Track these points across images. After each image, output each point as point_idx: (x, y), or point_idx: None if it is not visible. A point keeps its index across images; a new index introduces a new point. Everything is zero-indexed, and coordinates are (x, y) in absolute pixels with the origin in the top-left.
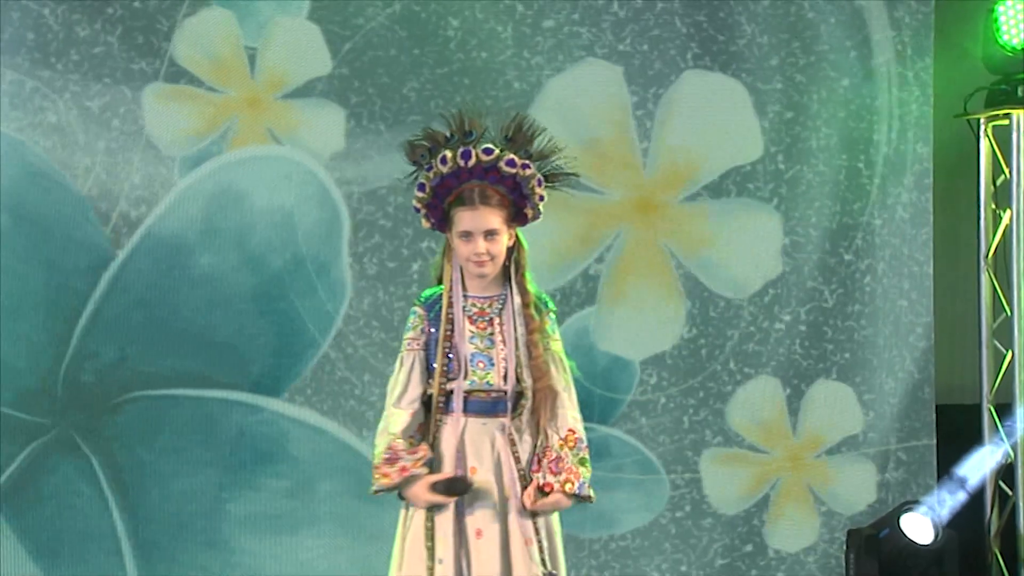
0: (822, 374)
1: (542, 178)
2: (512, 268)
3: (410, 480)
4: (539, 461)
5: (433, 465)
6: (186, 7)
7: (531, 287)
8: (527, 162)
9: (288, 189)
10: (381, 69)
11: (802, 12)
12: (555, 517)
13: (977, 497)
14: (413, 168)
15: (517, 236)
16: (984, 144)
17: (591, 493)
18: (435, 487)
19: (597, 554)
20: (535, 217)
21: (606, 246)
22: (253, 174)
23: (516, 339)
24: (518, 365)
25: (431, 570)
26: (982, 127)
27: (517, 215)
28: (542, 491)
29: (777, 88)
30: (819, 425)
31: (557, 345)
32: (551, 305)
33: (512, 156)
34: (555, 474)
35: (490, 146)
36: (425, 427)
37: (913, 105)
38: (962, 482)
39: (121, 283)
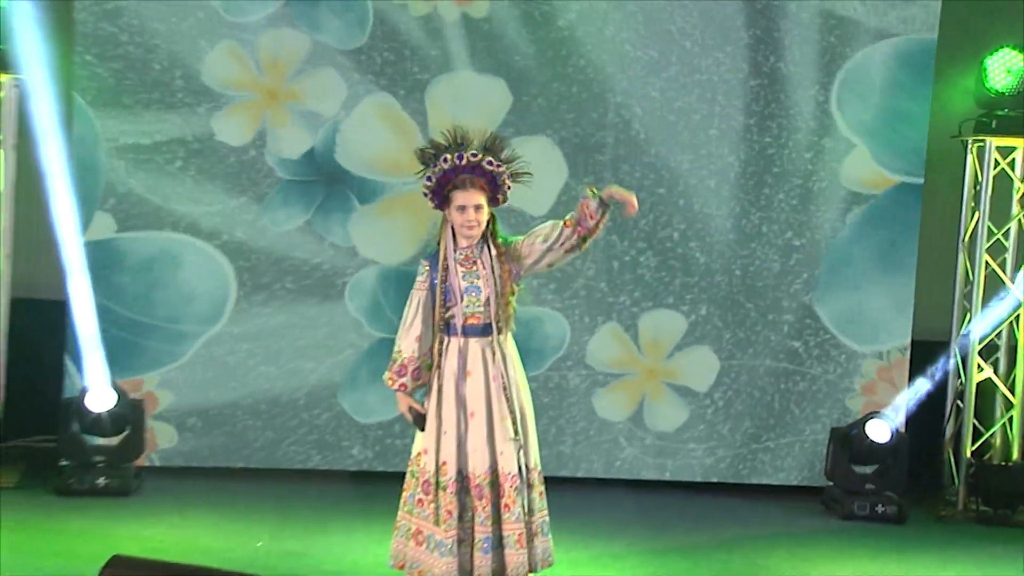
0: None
1: (509, 175)
2: (489, 232)
3: (403, 394)
4: (569, 223)
5: (440, 376)
6: None
7: (501, 239)
8: (500, 163)
9: None
10: None
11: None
12: (527, 399)
13: (938, 408)
14: (422, 167)
15: (491, 213)
16: (969, 159)
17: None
18: (411, 410)
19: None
20: (504, 201)
21: None
22: None
23: (494, 277)
24: (497, 294)
25: (439, 439)
26: (969, 146)
27: (492, 199)
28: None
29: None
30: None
31: (517, 241)
32: (509, 240)
33: (491, 159)
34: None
35: (476, 151)
36: (432, 348)
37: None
38: (918, 396)
39: None
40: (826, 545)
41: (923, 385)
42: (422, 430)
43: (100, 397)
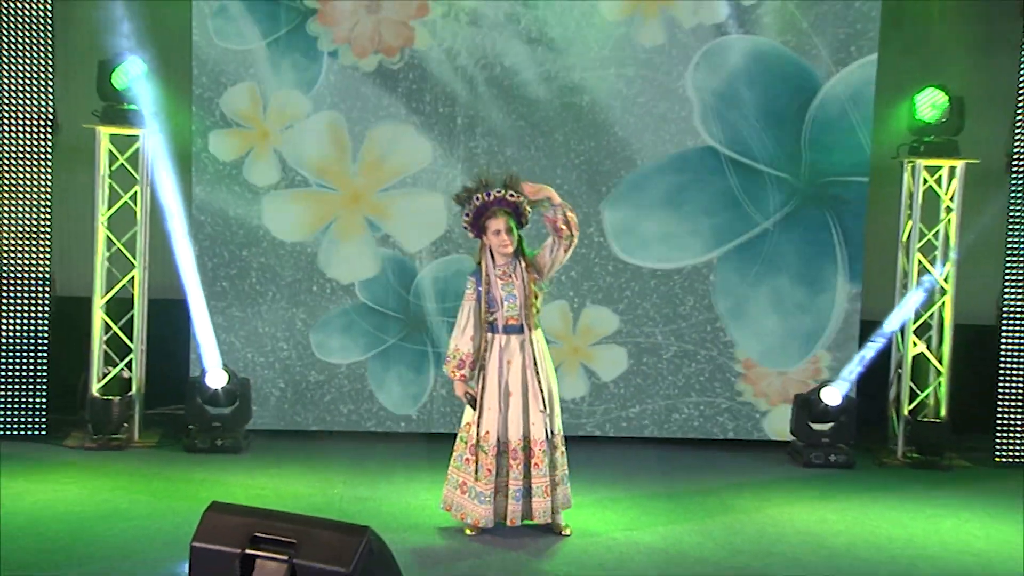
0: None
1: (528, 203)
2: (521, 249)
3: (460, 382)
4: (554, 230)
5: (486, 365)
6: None
7: (527, 256)
8: (519, 194)
9: None
10: None
11: None
12: (553, 380)
13: (883, 376)
14: (459, 206)
15: (519, 233)
16: (905, 176)
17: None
18: (466, 394)
19: None
20: (526, 223)
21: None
22: None
23: (524, 284)
24: (527, 299)
25: (483, 414)
26: (904, 166)
27: (519, 221)
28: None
29: None
30: None
31: (536, 253)
32: (533, 252)
33: (512, 191)
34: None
35: (500, 189)
36: (480, 345)
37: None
38: (863, 364)
39: None
40: (787, 488)
41: (867, 357)
42: (474, 408)
43: (215, 377)
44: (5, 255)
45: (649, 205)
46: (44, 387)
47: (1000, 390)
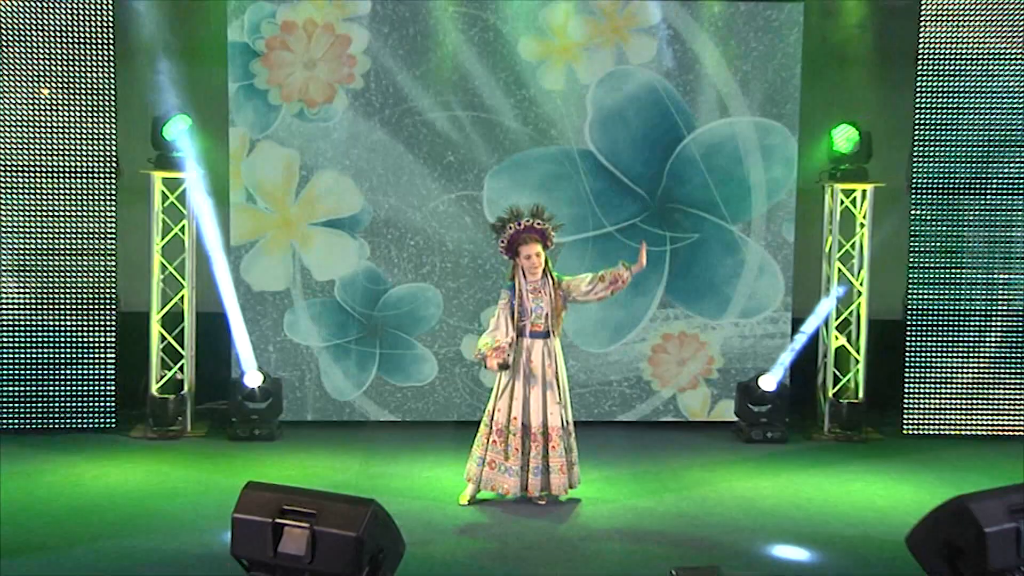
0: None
1: (552, 228)
2: (547, 269)
3: (493, 358)
4: (603, 279)
5: (515, 363)
6: None
7: (555, 275)
8: (545, 224)
9: None
10: None
11: None
12: (565, 379)
13: (812, 363)
14: (495, 234)
15: (546, 256)
16: (826, 197)
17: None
18: (502, 364)
19: None
20: (551, 246)
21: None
22: None
23: (551, 300)
24: (553, 312)
25: (511, 403)
26: (825, 189)
27: (544, 246)
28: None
29: None
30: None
31: (566, 280)
32: (562, 277)
33: (539, 221)
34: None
35: (529, 218)
36: (512, 341)
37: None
38: (796, 352)
39: None
40: (731, 460)
41: (796, 347)
42: (506, 369)
43: (252, 377)
44: (78, 278)
45: (524, 184)
46: (112, 388)
47: (907, 374)
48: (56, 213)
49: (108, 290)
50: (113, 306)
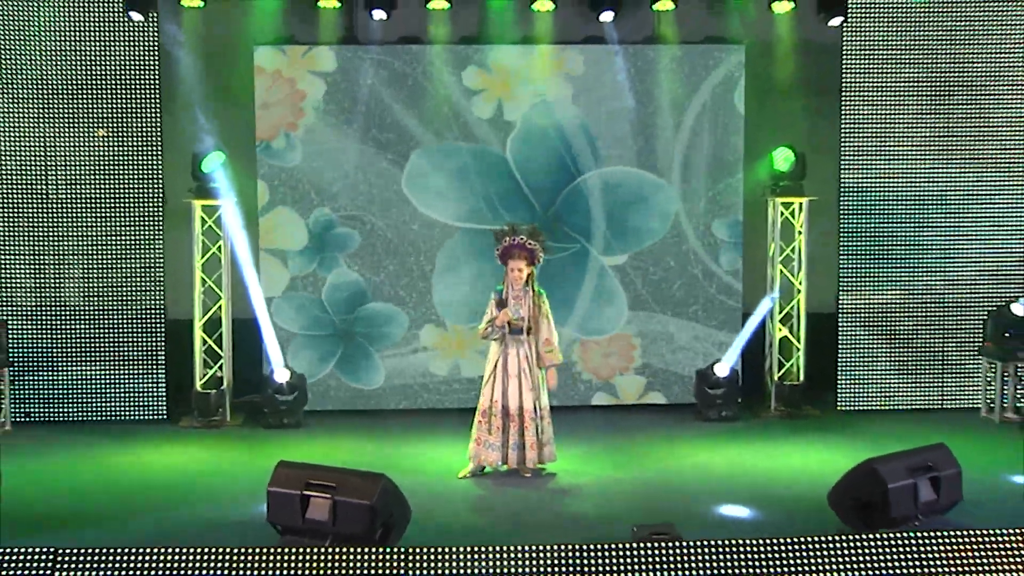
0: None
1: (541, 249)
2: (531, 281)
3: (500, 322)
4: (538, 354)
5: (498, 356)
6: None
7: (536, 289)
8: (535, 243)
9: None
10: None
11: None
12: (541, 375)
13: (760, 352)
14: (495, 242)
15: (532, 271)
16: (769, 209)
17: (558, 360)
18: (509, 324)
19: None
20: (539, 263)
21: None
22: None
23: (531, 307)
24: (530, 318)
25: (493, 389)
26: (768, 202)
27: (531, 262)
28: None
29: None
30: None
31: (545, 306)
32: (543, 292)
33: (531, 241)
34: (545, 355)
35: (522, 236)
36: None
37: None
38: (746, 345)
39: None
40: (690, 436)
41: (744, 338)
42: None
43: (280, 373)
44: (132, 291)
45: (443, 168)
46: (163, 385)
47: (839, 359)
48: (113, 236)
49: (157, 301)
50: (162, 315)
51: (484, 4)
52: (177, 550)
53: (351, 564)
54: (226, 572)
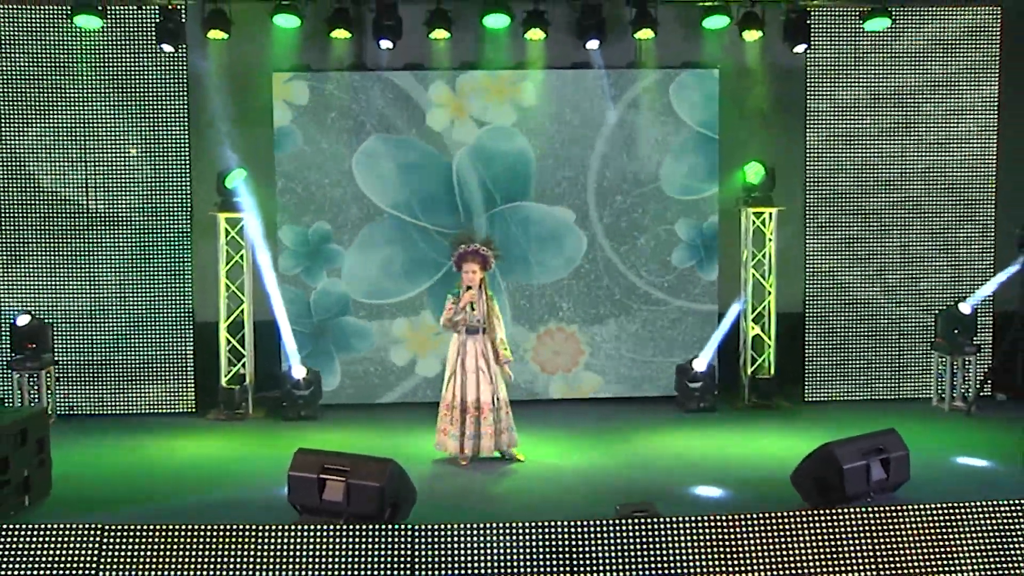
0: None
1: (493, 257)
2: (483, 285)
3: (458, 312)
4: (495, 352)
5: (457, 353)
6: None
7: (489, 293)
8: (489, 250)
9: None
10: None
11: None
12: (498, 370)
13: (735, 348)
14: (452, 250)
15: (484, 276)
16: (743, 218)
17: (510, 359)
18: (465, 298)
19: None
20: (490, 268)
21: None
22: None
23: (484, 307)
24: (485, 316)
25: (454, 384)
26: (741, 211)
27: (483, 267)
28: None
29: None
30: None
31: (495, 307)
32: (494, 295)
33: (484, 248)
34: (502, 352)
35: (476, 244)
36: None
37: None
38: (721, 341)
39: None
40: (670, 426)
41: (721, 334)
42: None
43: (298, 370)
44: (163, 296)
45: (391, 158)
46: (192, 381)
47: (807, 354)
48: (145, 246)
49: (186, 305)
50: (191, 317)
51: (481, 34)
52: (208, 527)
53: (363, 540)
54: (251, 547)
